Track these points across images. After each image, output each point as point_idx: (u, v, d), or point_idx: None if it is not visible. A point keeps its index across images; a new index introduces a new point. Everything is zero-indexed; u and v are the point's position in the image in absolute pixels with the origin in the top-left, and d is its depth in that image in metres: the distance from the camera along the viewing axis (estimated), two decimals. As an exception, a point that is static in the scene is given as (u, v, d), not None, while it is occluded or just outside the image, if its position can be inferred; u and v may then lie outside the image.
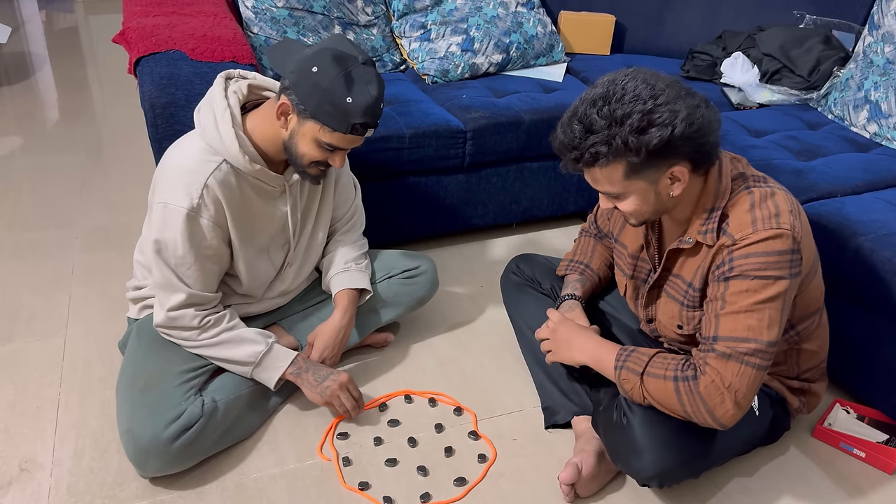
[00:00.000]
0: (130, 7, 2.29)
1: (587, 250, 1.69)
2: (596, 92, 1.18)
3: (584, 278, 1.64)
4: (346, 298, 1.69)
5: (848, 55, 2.43)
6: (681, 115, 1.14)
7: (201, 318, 1.50)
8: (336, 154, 1.45)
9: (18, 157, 2.92)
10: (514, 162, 2.34)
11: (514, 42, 2.59)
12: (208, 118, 1.44)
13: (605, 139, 1.15)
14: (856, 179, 1.90)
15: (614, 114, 1.15)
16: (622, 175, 1.20)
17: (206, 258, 1.47)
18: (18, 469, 1.49)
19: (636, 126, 1.14)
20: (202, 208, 1.42)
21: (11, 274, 2.14)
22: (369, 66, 1.38)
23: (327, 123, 1.38)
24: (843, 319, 1.67)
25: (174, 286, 1.46)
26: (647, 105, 1.14)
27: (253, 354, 1.52)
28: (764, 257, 1.20)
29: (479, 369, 1.85)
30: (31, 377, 1.74)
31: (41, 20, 5.02)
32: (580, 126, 1.18)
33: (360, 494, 1.47)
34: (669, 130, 1.14)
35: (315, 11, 2.42)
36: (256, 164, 1.46)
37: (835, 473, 1.57)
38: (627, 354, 1.33)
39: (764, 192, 1.26)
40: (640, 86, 1.16)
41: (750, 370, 1.21)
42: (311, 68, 1.35)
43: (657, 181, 1.22)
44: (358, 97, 1.36)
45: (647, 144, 1.14)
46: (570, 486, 1.44)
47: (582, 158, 1.19)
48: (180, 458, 1.44)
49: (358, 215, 1.81)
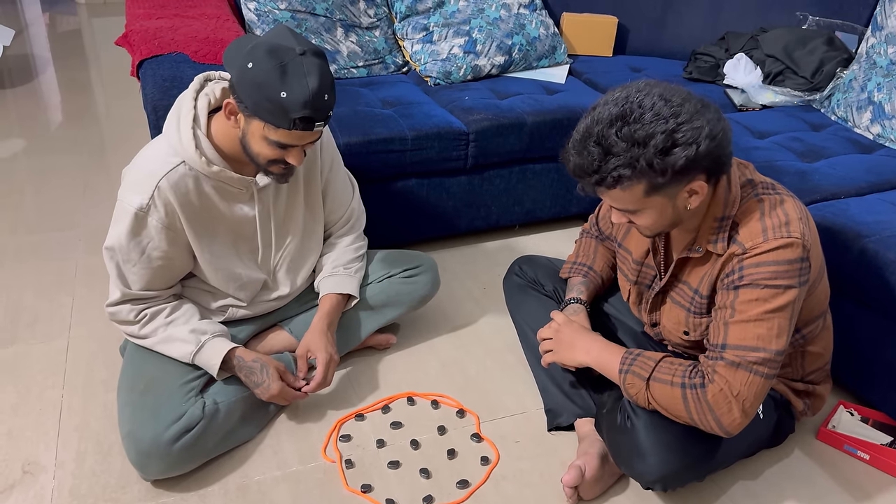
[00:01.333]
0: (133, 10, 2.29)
1: (589, 252, 1.68)
2: (611, 111, 1.13)
3: (587, 281, 1.63)
4: (329, 303, 1.67)
5: (851, 56, 2.43)
6: (704, 131, 1.11)
7: (137, 313, 1.50)
8: (290, 151, 1.38)
9: (21, 159, 2.93)
10: (516, 164, 2.34)
11: (517, 44, 2.58)
12: (172, 119, 1.44)
13: (628, 162, 1.11)
14: (860, 181, 1.90)
15: (635, 134, 1.10)
16: (642, 193, 1.16)
17: (153, 259, 1.46)
18: (21, 471, 1.49)
19: (660, 147, 1.10)
20: (151, 209, 1.41)
21: (15, 276, 2.15)
22: (309, 56, 1.30)
23: (269, 121, 1.31)
24: (848, 321, 1.66)
25: (115, 282, 1.48)
26: (668, 124, 1.10)
27: (186, 354, 1.50)
28: (774, 266, 1.20)
29: (482, 371, 1.85)
30: (34, 379, 1.74)
31: (45, 23, 5.03)
32: (598, 148, 1.13)
33: (362, 497, 1.47)
34: (695, 149, 1.10)
35: (318, 14, 2.42)
36: (214, 166, 1.43)
37: (839, 476, 1.57)
38: (633, 358, 1.32)
39: (773, 200, 1.25)
40: (657, 103, 1.11)
41: (758, 379, 1.21)
42: (247, 64, 1.29)
43: (676, 196, 1.19)
44: (293, 90, 1.28)
45: (673, 165, 1.11)
46: (573, 488, 1.44)
47: (604, 182, 1.15)
48: (182, 461, 1.44)
49: (356, 217, 1.78)
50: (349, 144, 2.01)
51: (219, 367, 1.50)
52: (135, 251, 1.44)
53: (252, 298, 1.66)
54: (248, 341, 1.71)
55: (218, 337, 1.53)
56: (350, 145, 2.01)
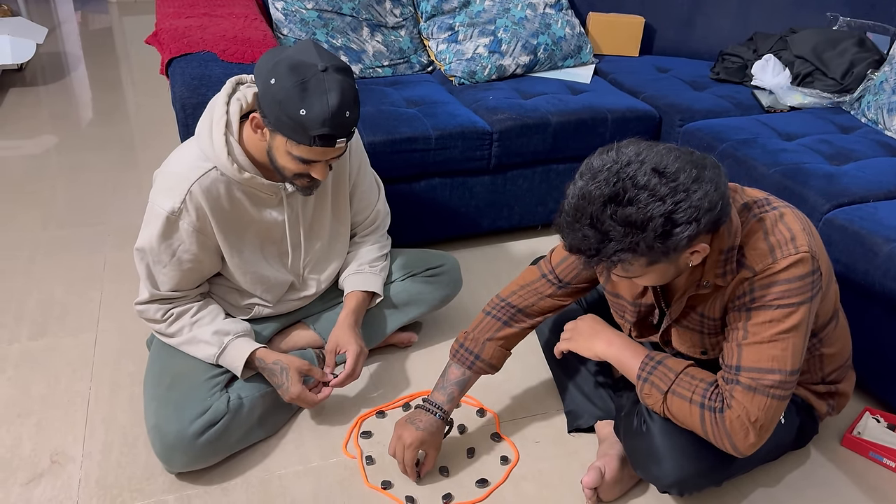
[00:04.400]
0: (163, 8, 2.33)
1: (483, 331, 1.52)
2: (602, 190, 1.04)
3: (462, 380, 1.51)
4: (355, 300, 1.68)
5: (882, 58, 2.39)
6: (703, 205, 1.04)
7: (164, 312, 1.52)
8: (314, 166, 1.39)
9: (53, 155, 2.98)
10: (540, 164, 2.34)
11: (542, 43, 2.58)
12: (204, 124, 1.45)
13: (629, 246, 1.05)
14: (889, 184, 1.87)
15: (631, 218, 1.03)
16: (644, 264, 1.11)
17: (183, 261, 1.47)
18: (49, 461, 1.52)
19: (660, 231, 1.03)
20: (183, 213, 1.43)
21: (45, 271, 2.19)
22: (331, 73, 1.29)
23: (291, 137, 1.32)
24: (874, 326, 1.64)
25: (144, 282, 1.50)
26: (666, 205, 1.03)
27: (210, 356, 1.52)
28: (786, 285, 1.17)
29: (503, 371, 1.84)
30: (63, 371, 1.78)
31: (77, 21, 5.12)
32: (594, 231, 1.06)
33: (382, 493, 1.48)
34: (695, 227, 1.04)
35: (344, 13, 2.44)
36: (246, 173, 1.43)
37: (864, 484, 1.55)
38: (654, 366, 1.29)
39: (773, 217, 1.21)
40: (652, 180, 1.03)
41: (775, 402, 1.19)
42: (270, 80, 1.29)
43: (678, 259, 1.14)
44: (313, 108, 1.27)
45: (676, 244, 1.05)
46: (593, 490, 1.44)
47: (603, 263, 1.09)
48: (205, 454, 1.46)
49: (381, 218, 1.80)
50: (373, 143, 2.02)
51: (241, 369, 1.52)
52: (165, 253, 1.46)
53: (279, 299, 1.68)
54: (272, 338, 1.74)
55: (241, 337, 1.54)
56: (374, 144, 2.02)
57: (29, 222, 2.45)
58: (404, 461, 1.47)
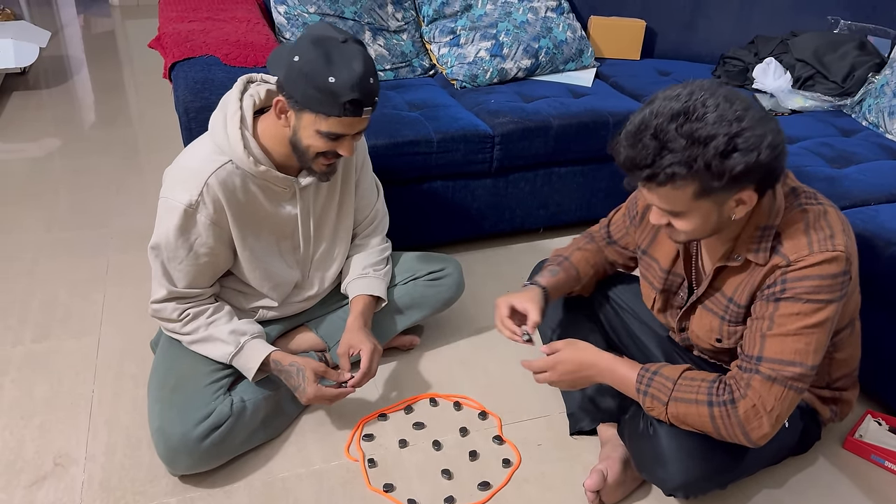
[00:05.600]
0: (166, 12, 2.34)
1: (571, 245, 1.64)
2: (672, 106, 1.08)
3: (555, 271, 1.57)
4: (362, 303, 1.69)
5: (883, 61, 2.39)
6: (766, 140, 1.06)
7: (181, 312, 1.52)
8: (341, 142, 1.43)
9: (56, 158, 2.99)
10: (542, 167, 2.34)
11: (544, 47, 2.59)
12: (218, 119, 1.47)
13: (685, 160, 1.06)
14: (890, 187, 1.87)
15: (696, 133, 1.05)
16: (692, 195, 1.12)
17: (200, 255, 1.48)
18: (53, 463, 1.53)
19: (721, 149, 1.05)
20: (200, 205, 1.44)
21: (49, 273, 2.20)
22: (351, 43, 1.36)
23: (319, 110, 1.36)
24: (877, 329, 1.64)
25: (160, 280, 1.50)
26: (732, 128, 1.05)
27: (225, 355, 1.52)
28: (818, 280, 1.17)
29: (505, 374, 1.85)
30: (66, 374, 1.78)
31: (79, 25, 5.13)
32: (655, 142, 1.08)
33: (384, 496, 1.48)
34: (755, 156, 1.06)
35: (346, 17, 2.45)
36: (262, 166, 1.46)
37: (866, 486, 1.55)
38: (650, 379, 1.28)
39: (817, 211, 1.22)
40: (722, 104, 1.07)
41: (792, 393, 1.20)
42: (293, 58, 1.34)
43: (723, 203, 1.15)
44: (340, 74, 1.32)
45: (731, 169, 1.06)
46: (595, 493, 1.44)
47: (656, 177, 1.10)
48: (209, 457, 1.46)
49: (380, 219, 1.80)
50: (376, 147, 2.02)
51: (255, 371, 1.52)
52: (182, 248, 1.46)
53: (284, 299, 1.68)
54: (275, 341, 1.74)
55: (257, 339, 1.55)
56: (377, 147, 2.03)
57: (32, 225, 2.46)
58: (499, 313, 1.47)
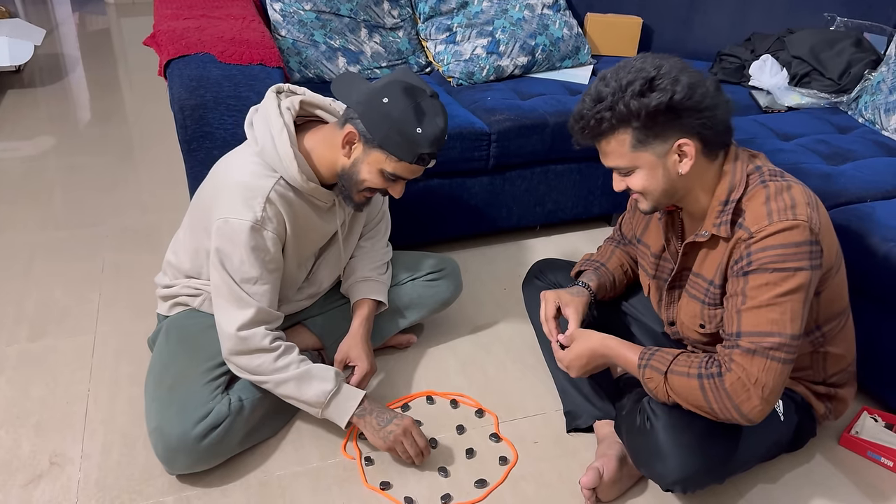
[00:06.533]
0: (161, 10, 2.33)
1: (605, 253, 1.70)
2: (608, 70, 1.26)
3: (599, 274, 1.64)
4: (367, 309, 1.70)
5: (879, 58, 2.40)
6: (682, 82, 1.19)
7: (272, 339, 1.46)
8: (397, 183, 1.49)
9: (51, 157, 2.98)
10: (538, 164, 2.34)
11: (540, 44, 2.58)
12: (265, 135, 1.45)
13: (609, 105, 1.21)
14: (886, 184, 1.87)
15: (620, 82, 1.21)
16: (629, 146, 1.24)
17: (270, 272, 1.47)
18: (49, 462, 1.52)
19: (637, 90, 1.19)
20: (266, 221, 1.44)
21: (44, 272, 2.19)
22: (436, 98, 1.43)
23: (394, 153, 1.41)
24: (872, 326, 1.64)
25: (242, 301, 1.44)
26: (650, 73, 1.20)
27: (322, 394, 1.47)
28: (781, 249, 1.20)
29: (502, 372, 1.85)
30: (62, 373, 1.78)
31: (74, 22, 5.12)
32: (589, 98, 1.25)
33: (381, 494, 1.48)
34: (669, 95, 1.18)
35: (342, 14, 2.44)
36: (312, 183, 1.48)
37: (861, 483, 1.55)
38: (651, 354, 1.33)
39: (780, 186, 1.25)
40: (650, 60, 1.23)
41: (776, 364, 1.21)
42: (382, 99, 1.39)
43: (665, 155, 1.24)
44: (427, 128, 1.40)
45: (647, 106, 1.19)
46: (591, 490, 1.44)
47: (588, 126, 1.25)
48: (208, 456, 1.46)
49: (384, 221, 1.82)
50: (372, 144, 2.02)
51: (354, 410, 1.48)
52: (256, 266, 1.44)
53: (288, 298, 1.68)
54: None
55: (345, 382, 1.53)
56: (373, 145, 2.02)
57: (27, 224, 2.45)
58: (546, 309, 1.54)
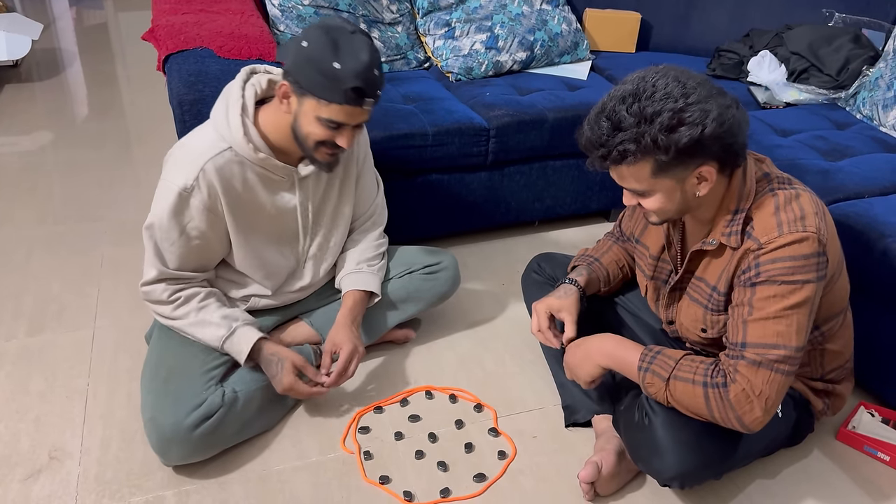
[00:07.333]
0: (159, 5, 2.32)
1: (601, 248, 1.68)
2: (625, 88, 1.17)
3: (590, 269, 1.62)
4: (352, 299, 1.69)
5: (878, 54, 2.40)
6: (712, 114, 1.12)
7: (171, 293, 1.52)
8: (341, 132, 1.43)
9: (49, 151, 2.98)
10: (537, 160, 2.34)
11: (539, 40, 2.58)
12: (220, 107, 1.49)
13: (634, 137, 1.14)
14: (884, 180, 1.88)
15: (644, 111, 1.13)
16: (649, 173, 1.18)
17: (191, 238, 1.50)
18: (48, 457, 1.53)
19: (666, 124, 1.12)
20: (195, 190, 1.45)
21: (42, 267, 2.19)
22: (359, 35, 1.38)
23: (322, 96, 1.37)
24: (870, 321, 1.65)
25: (151, 261, 1.51)
26: (678, 103, 1.12)
27: (217, 339, 1.53)
28: (791, 262, 1.19)
29: (500, 367, 1.86)
30: (61, 368, 1.78)
31: (72, 17, 5.10)
32: (608, 123, 1.17)
33: (380, 488, 1.49)
34: (700, 130, 1.12)
35: (340, 9, 2.44)
36: (261, 153, 1.47)
37: (858, 477, 1.56)
38: (653, 356, 1.30)
39: (789, 195, 1.24)
40: (670, 83, 1.14)
41: (779, 377, 1.21)
42: (301, 43, 1.36)
43: (684, 180, 1.20)
44: (346, 62, 1.34)
45: (676, 143, 1.13)
46: (589, 484, 1.45)
47: (609, 156, 1.18)
48: (201, 447, 1.47)
49: (378, 214, 1.81)
50: (371, 140, 2.01)
51: (247, 354, 1.53)
52: (174, 230, 1.48)
53: (277, 288, 1.68)
54: (271, 332, 1.74)
55: (248, 325, 1.56)
56: (372, 141, 2.01)
57: (26, 219, 2.45)
58: (539, 322, 1.52)
